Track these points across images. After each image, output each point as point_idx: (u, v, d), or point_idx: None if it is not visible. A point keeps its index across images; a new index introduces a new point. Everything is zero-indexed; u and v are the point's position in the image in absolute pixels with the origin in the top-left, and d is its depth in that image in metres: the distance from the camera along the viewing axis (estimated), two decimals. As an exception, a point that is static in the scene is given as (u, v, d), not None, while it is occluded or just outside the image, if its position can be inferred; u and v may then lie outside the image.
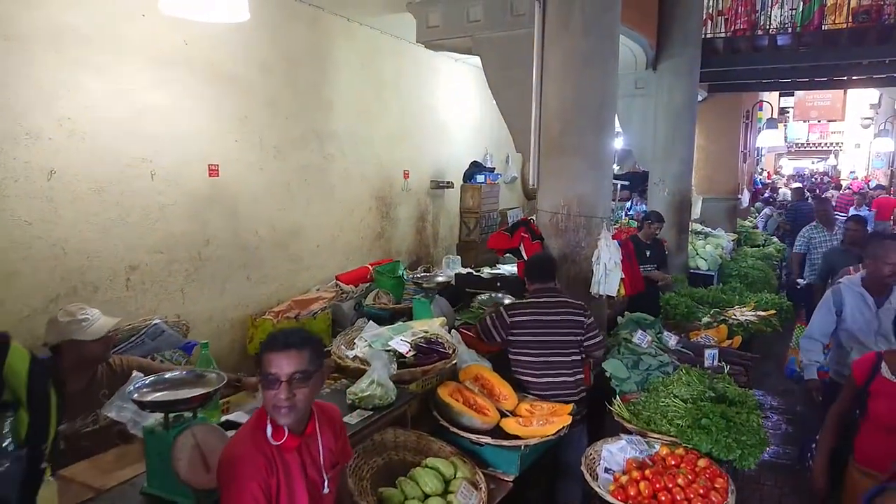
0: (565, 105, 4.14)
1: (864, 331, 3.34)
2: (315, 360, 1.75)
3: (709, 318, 4.83)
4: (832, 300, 3.45)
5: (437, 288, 3.78)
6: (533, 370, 3.32)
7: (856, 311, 3.37)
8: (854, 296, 3.40)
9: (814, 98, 21.87)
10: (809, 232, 6.55)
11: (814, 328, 3.51)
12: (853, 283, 3.44)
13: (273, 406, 1.69)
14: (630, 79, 7.68)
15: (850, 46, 7.22)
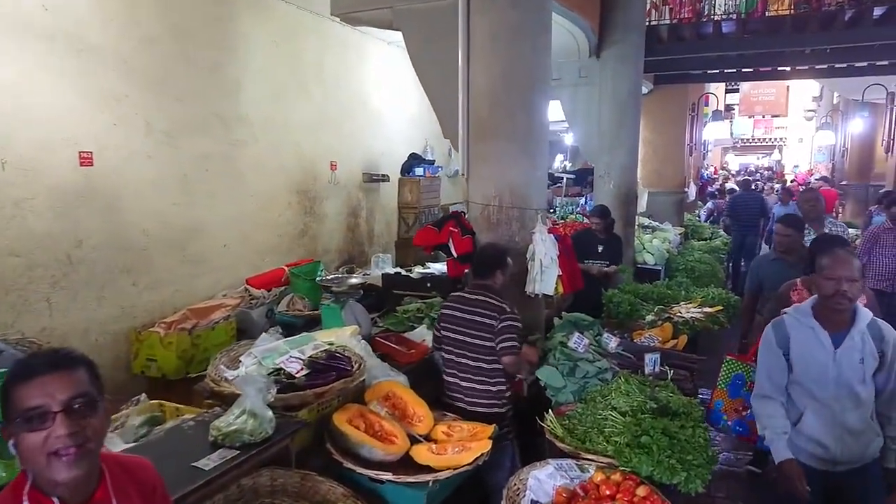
0: (494, 83, 3.73)
1: (819, 381, 2.32)
2: (96, 382, 1.24)
3: (653, 315, 4.51)
4: (774, 338, 2.42)
5: (351, 292, 3.31)
6: (447, 369, 3.08)
7: (806, 354, 2.35)
8: (802, 331, 2.38)
9: (758, 93, 22.29)
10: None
11: (762, 382, 2.45)
12: (800, 313, 2.40)
13: (49, 455, 1.15)
14: (574, 67, 7.39)
15: (793, 33, 7.09)
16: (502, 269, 3.08)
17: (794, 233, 3.87)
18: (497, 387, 2.94)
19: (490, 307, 2.95)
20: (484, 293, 3.03)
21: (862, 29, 6.85)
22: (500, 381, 2.95)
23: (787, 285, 3.22)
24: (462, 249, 3.85)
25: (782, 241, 3.91)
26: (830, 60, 8.40)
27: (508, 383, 3.01)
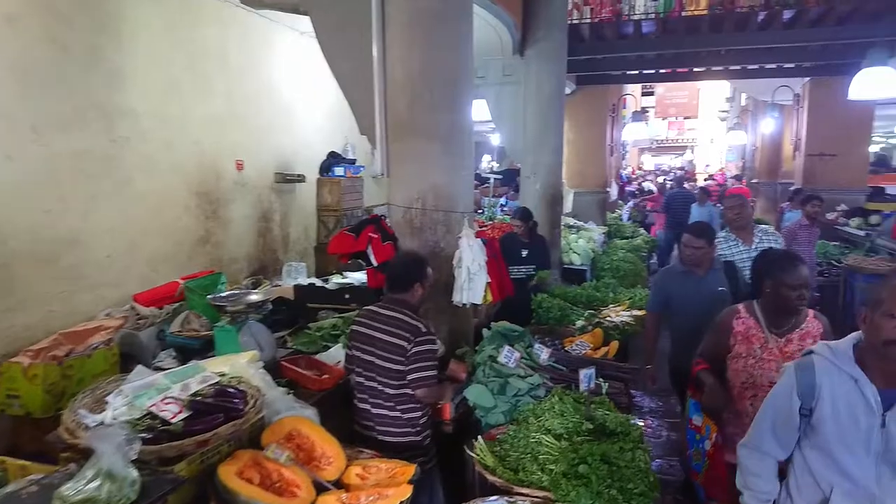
0: (413, 76, 3.41)
1: (857, 453, 1.74)
2: None
3: (583, 321, 4.34)
4: (796, 384, 1.82)
5: (249, 310, 2.89)
6: (358, 394, 2.76)
7: (842, 414, 1.74)
8: (840, 382, 1.76)
9: (672, 95, 23.24)
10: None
11: (762, 434, 1.92)
12: (839, 356, 1.79)
13: None
14: (498, 65, 7.23)
15: (710, 33, 7.23)
16: (421, 282, 2.75)
17: (706, 245, 3.44)
18: (409, 414, 2.63)
19: (403, 326, 2.63)
20: (398, 309, 2.70)
21: (772, 31, 7.07)
22: (412, 406, 2.64)
23: (728, 313, 2.67)
24: (383, 257, 3.51)
25: (693, 254, 3.43)
26: (743, 61, 8.69)
27: (425, 409, 2.70)
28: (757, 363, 2.53)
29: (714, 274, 3.49)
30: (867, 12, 6.44)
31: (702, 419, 2.68)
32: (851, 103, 8.02)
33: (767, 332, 2.55)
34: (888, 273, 2.37)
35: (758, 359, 2.54)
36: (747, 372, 2.54)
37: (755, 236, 4.00)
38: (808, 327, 2.52)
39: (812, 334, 2.50)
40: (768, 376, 2.47)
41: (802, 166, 9.62)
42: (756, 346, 2.55)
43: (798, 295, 2.44)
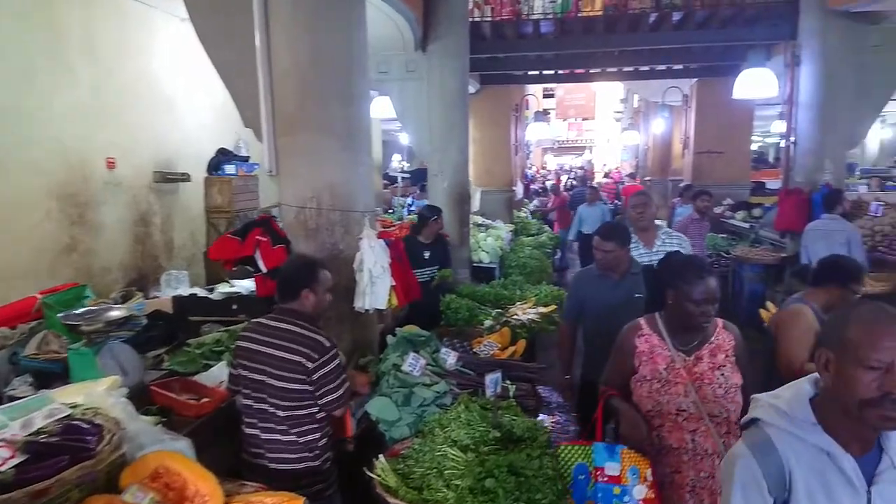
0: (301, 64, 3.14)
1: None
2: None
3: (491, 320, 4.25)
4: (761, 477, 1.33)
5: (110, 328, 2.51)
6: (246, 418, 2.46)
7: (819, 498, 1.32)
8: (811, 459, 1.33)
9: (571, 97, 24.09)
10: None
11: None
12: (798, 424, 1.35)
13: None
14: (400, 60, 7.06)
15: (605, 34, 7.45)
16: (311, 288, 2.48)
17: (616, 247, 3.14)
18: (306, 437, 2.38)
19: (301, 341, 2.37)
20: (291, 321, 2.43)
21: (662, 33, 7.40)
22: (310, 429, 2.39)
23: (630, 329, 2.33)
24: (273, 262, 3.20)
25: (603, 257, 3.17)
26: (636, 63, 9.07)
27: (324, 430, 2.46)
28: (663, 387, 2.18)
29: (631, 278, 3.18)
30: (746, 17, 6.88)
31: (618, 465, 2.10)
32: (734, 103, 8.58)
33: (673, 349, 2.22)
34: (851, 307, 1.34)
35: (663, 382, 2.19)
36: (652, 398, 2.19)
37: (657, 238, 3.73)
38: (719, 340, 2.22)
39: (723, 348, 2.20)
40: (675, 402, 2.16)
41: (691, 163, 10.19)
42: (661, 368, 2.20)
43: (702, 311, 2.13)
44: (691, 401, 2.14)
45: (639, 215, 3.81)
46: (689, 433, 2.16)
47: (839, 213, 5.46)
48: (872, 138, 17.56)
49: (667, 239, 3.75)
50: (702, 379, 2.15)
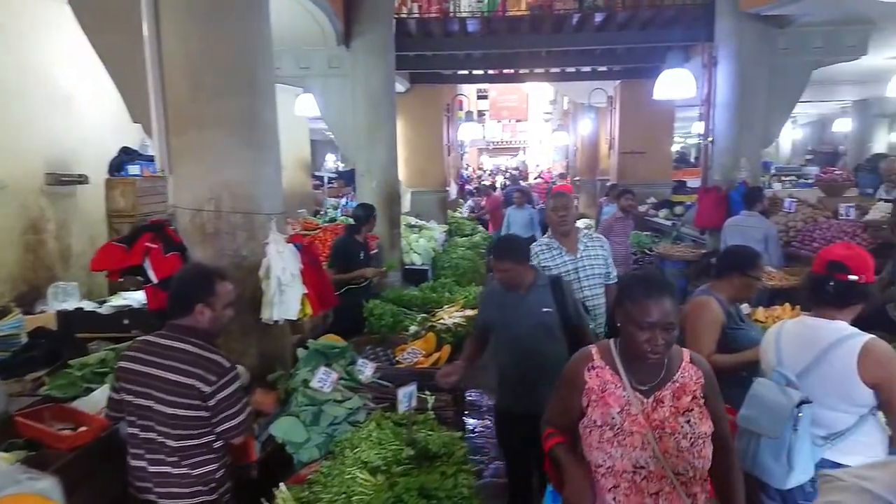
0: (193, 53, 2.86)
1: None
2: None
3: (416, 325, 4.08)
4: None
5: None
6: (131, 449, 2.18)
7: None
8: None
9: (504, 99, 24.36)
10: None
11: None
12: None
13: None
14: (322, 56, 6.82)
15: (530, 34, 7.44)
16: (207, 301, 2.21)
17: (513, 265, 2.81)
18: (200, 469, 2.12)
19: (196, 362, 2.10)
20: (184, 339, 2.16)
21: (586, 33, 7.46)
22: (204, 459, 2.13)
23: (579, 360, 1.89)
24: (165, 271, 2.89)
25: (502, 277, 2.86)
26: (562, 64, 9.15)
27: (221, 460, 2.20)
28: (616, 437, 1.73)
29: (537, 292, 2.87)
30: (665, 19, 7.03)
31: None
32: (656, 105, 8.79)
33: (629, 389, 1.76)
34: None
35: (617, 430, 1.73)
36: (604, 450, 1.74)
37: (579, 242, 3.51)
38: (684, 379, 1.77)
39: (689, 389, 1.76)
40: (631, 456, 1.71)
41: (617, 163, 10.40)
42: (615, 411, 1.75)
43: (648, 339, 1.67)
44: (650, 455, 1.69)
45: (560, 219, 3.50)
46: (651, 497, 1.70)
47: (758, 210, 5.62)
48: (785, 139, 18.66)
49: (588, 243, 3.57)
50: (663, 427, 1.71)
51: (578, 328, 2.92)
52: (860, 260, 2.09)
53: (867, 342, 1.93)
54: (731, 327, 2.77)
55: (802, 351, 2.04)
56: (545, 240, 3.63)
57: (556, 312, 2.85)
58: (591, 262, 3.54)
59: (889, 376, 1.90)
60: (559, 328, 2.85)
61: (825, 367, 1.96)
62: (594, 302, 3.51)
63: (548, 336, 2.83)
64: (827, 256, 2.13)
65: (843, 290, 2.06)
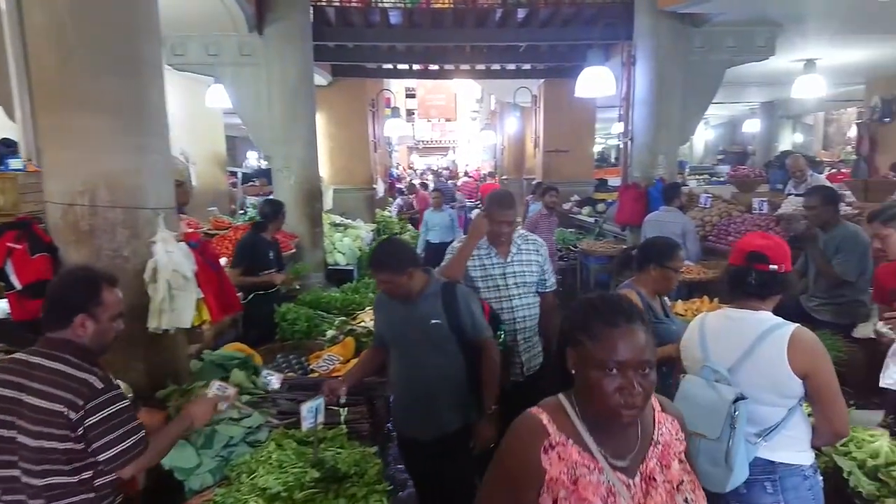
0: (64, 29, 2.46)
1: None
2: None
3: (334, 330, 3.80)
4: None
5: None
6: None
7: None
8: None
9: (432, 98, 24.32)
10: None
11: None
12: None
13: None
14: (233, 42, 6.39)
15: (454, 28, 7.30)
16: (91, 312, 1.84)
17: (393, 276, 2.45)
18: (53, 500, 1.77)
19: (66, 384, 1.73)
20: (60, 356, 1.79)
21: (509, 29, 7.40)
22: (82, 500, 1.79)
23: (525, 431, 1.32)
24: (31, 275, 2.51)
25: (386, 289, 2.54)
26: (487, 61, 9.07)
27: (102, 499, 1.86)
28: None
29: (427, 302, 2.52)
30: (586, 16, 7.07)
31: None
32: (579, 104, 8.89)
33: (608, 469, 1.25)
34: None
35: None
36: None
37: (512, 244, 3.07)
38: (664, 436, 1.34)
39: (674, 450, 1.34)
40: None
41: (542, 162, 10.48)
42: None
43: (619, 386, 1.20)
44: None
45: (499, 233, 2.99)
46: None
47: (676, 206, 5.72)
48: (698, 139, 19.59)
49: (522, 245, 3.09)
50: None
51: (477, 342, 2.55)
52: (779, 249, 2.04)
53: (795, 331, 1.87)
54: (652, 321, 2.70)
55: (730, 344, 1.95)
56: (484, 243, 3.07)
57: (445, 324, 2.49)
58: (522, 268, 3.06)
59: (818, 365, 1.85)
60: (453, 342, 2.52)
61: (755, 360, 1.88)
62: (524, 312, 3.04)
63: (437, 351, 2.51)
64: (745, 247, 2.06)
65: (764, 280, 1.99)
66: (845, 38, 6.32)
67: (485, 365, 2.55)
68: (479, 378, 2.56)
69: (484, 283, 3.02)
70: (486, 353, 2.55)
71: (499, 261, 3.05)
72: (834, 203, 4.04)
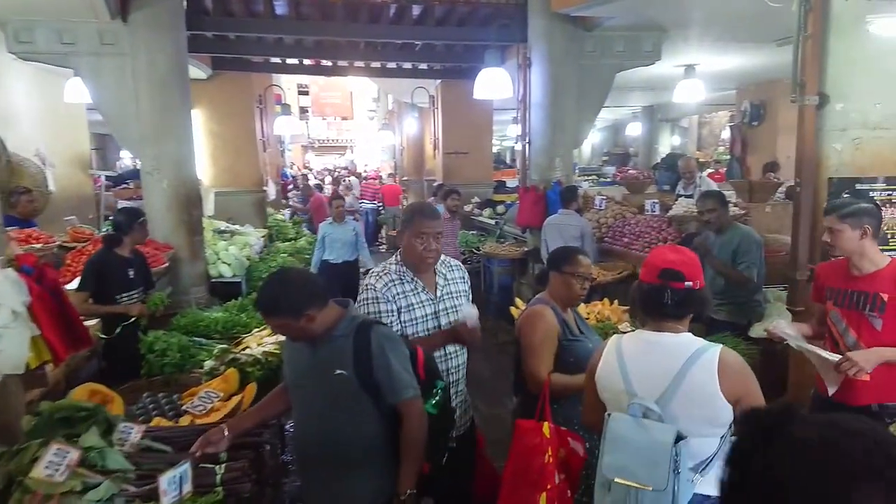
0: None
1: None
2: None
3: (214, 360, 3.33)
4: None
5: None
6: None
7: None
8: None
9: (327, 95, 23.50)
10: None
11: None
12: None
13: None
14: (91, 30, 5.65)
15: (345, 22, 6.91)
16: None
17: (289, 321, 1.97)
18: None
19: None
20: None
21: (404, 27, 7.14)
22: None
23: None
24: None
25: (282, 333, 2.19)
26: (383, 59, 8.75)
27: None
28: None
29: (333, 345, 2.03)
30: (481, 17, 6.96)
31: None
32: (477, 105, 8.81)
33: None
34: None
35: None
36: None
37: (438, 275, 2.54)
38: None
39: None
40: None
41: (442, 164, 10.34)
42: None
43: None
44: None
45: (425, 252, 2.42)
46: None
47: (574, 209, 5.76)
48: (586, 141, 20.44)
49: (449, 274, 2.60)
50: None
51: (396, 405, 2.03)
52: (692, 264, 1.92)
53: (722, 353, 1.75)
54: (567, 339, 2.54)
55: (655, 373, 1.80)
56: (394, 269, 2.48)
57: (353, 377, 1.97)
58: (454, 303, 2.54)
59: (748, 388, 1.74)
60: (365, 401, 1.99)
61: (686, 389, 1.73)
62: (459, 360, 2.58)
63: (342, 410, 2.01)
64: (658, 263, 1.91)
65: (681, 299, 1.86)
66: (724, 45, 6.68)
67: (403, 435, 2.01)
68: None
69: (412, 327, 2.42)
70: (407, 420, 2.01)
71: (428, 297, 2.48)
72: (727, 205, 4.17)
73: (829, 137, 3.05)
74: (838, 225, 2.41)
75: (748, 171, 9.50)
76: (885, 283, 2.38)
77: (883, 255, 2.47)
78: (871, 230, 2.40)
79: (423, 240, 2.41)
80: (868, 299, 2.40)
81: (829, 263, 2.59)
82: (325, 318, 2.01)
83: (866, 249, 2.42)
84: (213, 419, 2.77)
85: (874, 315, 2.39)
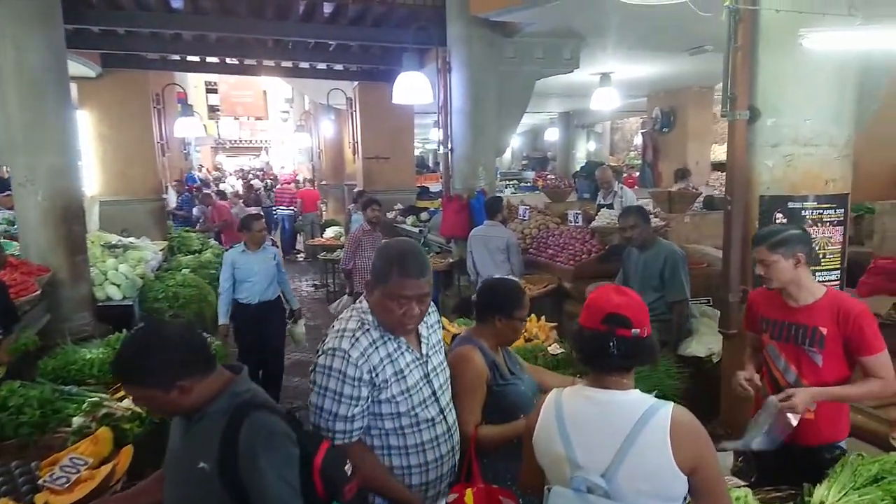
0: None
1: None
2: None
3: (83, 416, 2.79)
4: None
5: None
6: None
7: None
8: None
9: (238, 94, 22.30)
10: None
11: None
12: None
13: None
14: (-56, 21, 4.78)
15: (248, 18, 6.38)
16: None
17: (154, 392, 1.50)
18: None
19: None
20: None
21: (315, 25, 6.70)
22: None
23: None
24: None
25: (151, 408, 1.92)
26: (294, 58, 8.24)
27: None
28: None
29: (205, 423, 1.54)
30: (398, 18, 6.65)
31: None
32: (398, 109, 8.47)
33: None
34: None
35: None
36: None
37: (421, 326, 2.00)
38: None
39: None
40: None
41: (362, 168, 9.93)
42: None
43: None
44: None
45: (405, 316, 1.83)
46: None
47: (499, 220, 5.58)
48: (507, 145, 20.65)
49: (428, 320, 2.06)
50: None
51: None
52: (639, 308, 1.69)
53: (674, 414, 1.52)
54: (498, 384, 2.26)
55: (600, 439, 1.54)
56: (371, 320, 1.87)
57: (214, 474, 1.47)
58: (440, 359, 2.07)
59: (704, 455, 1.52)
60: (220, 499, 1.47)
61: (634, 458, 1.48)
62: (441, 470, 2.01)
63: None
64: (602, 305, 1.65)
65: (627, 349, 1.62)
66: (639, 53, 6.73)
67: None
68: None
69: (406, 402, 1.87)
70: None
71: (414, 357, 1.93)
72: (648, 221, 4.08)
73: (761, 153, 2.96)
74: (771, 256, 2.28)
75: (660, 176, 9.75)
76: (823, 315, 2.27)
77: (818, 285, 2.37)
78: (803, 258, 2.29)
79: (401, 304, 1.80)
80: (808, 332, 2.28)
81: (764, 291, 2.47)
82: (205, 390, 1.53)
83: (802, 279, 2.30)
84: (76, 496, 2.29)
85: (814, 350, 2.28)
